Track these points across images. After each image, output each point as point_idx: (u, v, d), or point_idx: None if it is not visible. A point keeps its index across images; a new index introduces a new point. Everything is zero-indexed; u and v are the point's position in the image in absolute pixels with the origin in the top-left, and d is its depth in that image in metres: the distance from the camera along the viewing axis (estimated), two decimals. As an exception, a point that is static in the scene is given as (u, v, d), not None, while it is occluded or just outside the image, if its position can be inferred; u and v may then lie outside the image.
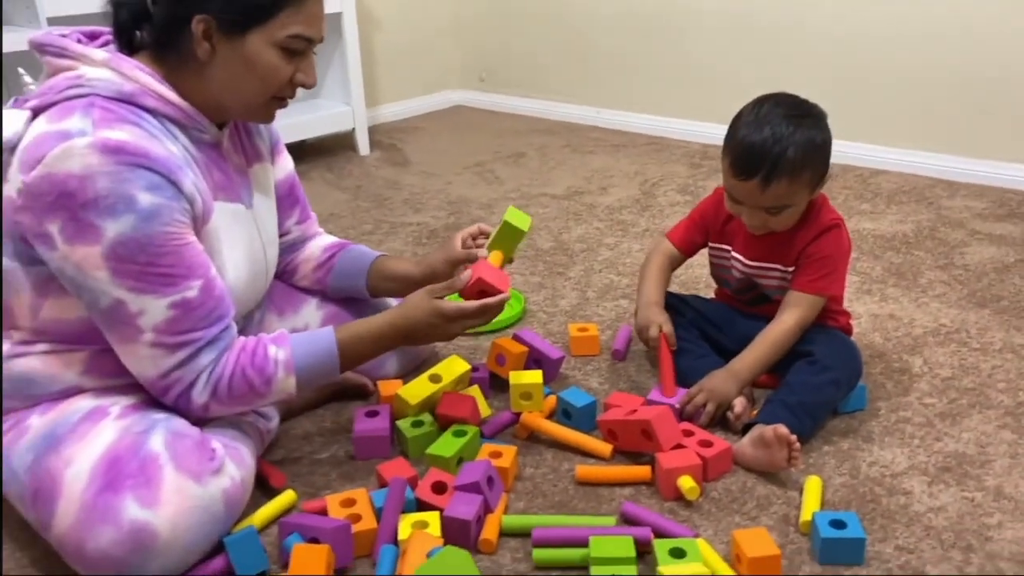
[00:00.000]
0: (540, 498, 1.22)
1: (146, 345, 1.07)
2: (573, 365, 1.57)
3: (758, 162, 1.27)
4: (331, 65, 2.97)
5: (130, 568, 1.00)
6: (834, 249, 1.37)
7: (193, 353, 1.10)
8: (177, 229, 1.06)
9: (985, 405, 1.40)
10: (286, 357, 1.15)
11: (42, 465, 1.06)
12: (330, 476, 1.27)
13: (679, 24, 2.97)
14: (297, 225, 1.46)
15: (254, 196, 1.28)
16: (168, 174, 1.05)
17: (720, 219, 1.48)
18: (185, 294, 1.07)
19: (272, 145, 1.38)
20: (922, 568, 1.06)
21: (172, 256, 1.06)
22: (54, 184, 1.01)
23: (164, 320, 1.06)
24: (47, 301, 1.11)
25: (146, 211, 1.03)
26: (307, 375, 1.17)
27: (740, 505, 1.19)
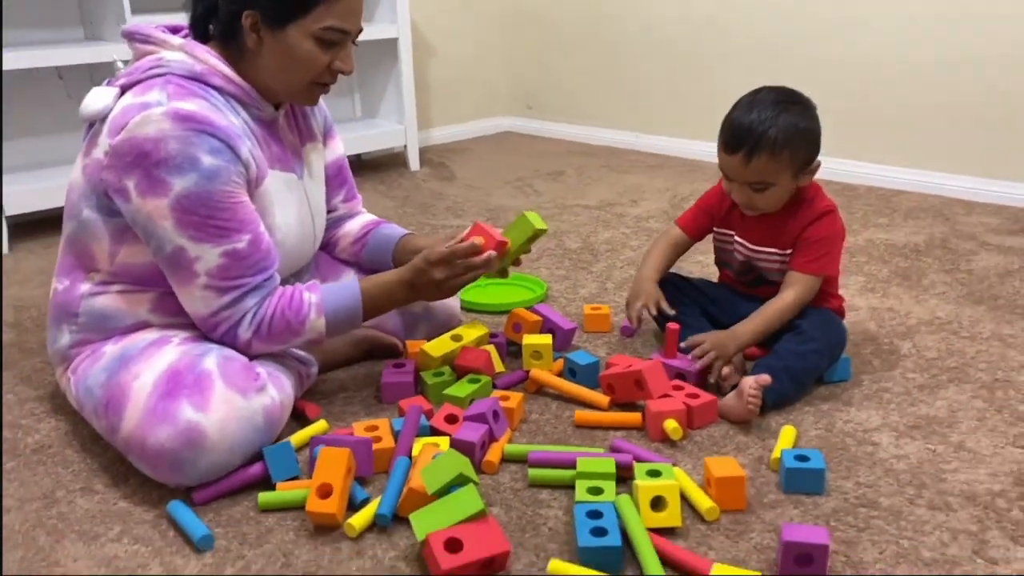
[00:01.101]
0: (541, 436, 1.37)
1: (200, 287, 1.27)
2: (584, 339, 1.72)
3: (743, 138, 1.43)
4: (387, 87, 3.22)
5: (183, 462, 1.18)
6: (828, 232, 1.50)
7: (239, 296, 1.29)
8: (233, 189, 1.26)
9: (963, 380, 1.51)
10: (318, 300, 1.34)
11: (115, 379, 1.26)
12: (359, 415, 1.44)
13: (714, 54, 3.14)
14: (343, 203, 1.65)
15: (305, 170, 1.48)
16: (228, 140, 1.25)
17: (725, 206, 1.62)
18: (236, 245, 1.26)
19: (326, 129, 1.58)
20: (876, 499, 1.18)
21: (227, 212, 1.25)
22: (133, 146, 1.22)
23: (216, 266, 1.26)
24: (123, 248, 1.31)
25: (208, 171, 1.22)
26: (335, 318, 1.35)
27: (720, 448, 1.32)
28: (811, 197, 1.53)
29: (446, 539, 1.02)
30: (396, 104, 3.19)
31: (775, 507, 1.17)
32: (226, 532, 1.15)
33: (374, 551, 1.10)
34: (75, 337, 1.35)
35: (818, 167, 1.50)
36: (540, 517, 1.16)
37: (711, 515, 1.14)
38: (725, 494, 1.16)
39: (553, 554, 1.08)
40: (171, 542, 1.13)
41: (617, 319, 1.80)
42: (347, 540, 1.12)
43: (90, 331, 1.35)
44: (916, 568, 1.05)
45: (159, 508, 1.20)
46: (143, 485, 1.25)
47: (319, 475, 1.14)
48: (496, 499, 1.20)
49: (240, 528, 1.16)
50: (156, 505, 1.21)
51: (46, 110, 2.60)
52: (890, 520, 1.13)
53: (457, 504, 1.07)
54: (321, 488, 1.13)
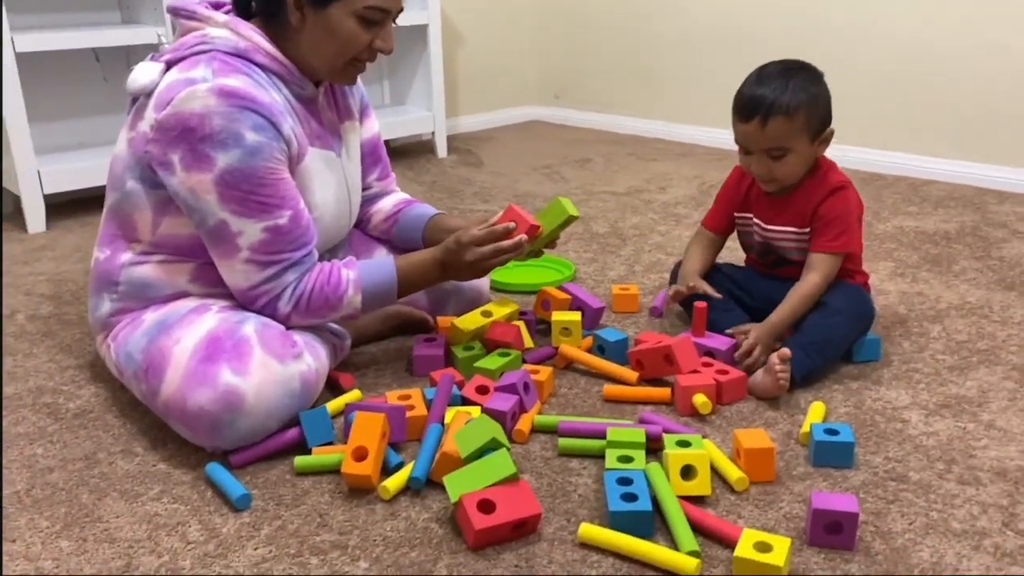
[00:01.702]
0: (570, 409, 1.38)
1: (241, 261, 1.29)
2: (612, 319, 1.73)
3: (757, 104, 1.44)
4: (416, 74, 3.24)
5: (222, 424, 1.21)
6: (843, 208, 1.50)
7: (280, 271, 1.31)
8: (275, 165, 1.28)
9: (994, 362, 1.50)
10: (356, 277, 1.37)
11: (155, 344, 1.28)
12: (391, 386, 1.46)
13: (742, 44, 3.13)
14: (378, 181, 1.67)
15: (343, 147, 1.50)
16: (271, 117, 1.27)
17: (742, 190, 1.63)
18: (277, 221, 1.29)
19: (362, 108, 1.60)
20: (905, 473, 1.18)
21: (270, 188, 1.27)
22: (179, 120, 1.24)
23: (258, 241, 1.28)
24: (165, 219, 1.34)
25: (251, 147, 1.25)
26: (371, 294, 1.38)
27: (748, 423, 1.33)
28: (823, 172, 1.54)
29: (479, 500, 1.04)
30: (425, 91, 3.21)
31: (804, 479, 1.18)
32: (263, 494, 1.17)
33: (408, 513, 1.12)
34: (115, 305, 1.38)
35: (831, 135, 1.50)
36: (570, 484, 1.18)
37: (740, 485, 1.15)
38: (754, 465, 1.17)
39: (584, 519, 1.10)
40: (209, 501, 1.16)
41: (646, 300, 1.81)
42: (381, 502, 1.14)
43: (130, 299, 1.38)
44: (945, 539, 1.05)
45: (198, 470, 1.23)
46: (182, 448, 1.28)
47: (355, 438, 1.17)
48: (527, 467, 1.22)
49: (276, 490, 1.18)
50: (195, 468, 1.24)
51: (83, 92, 2.65)
52: (919, 493, 1.14)
53: (490, 467, 1.09)
54: (357, 451, 1.16)
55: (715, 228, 1.68)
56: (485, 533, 1.03)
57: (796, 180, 1.52)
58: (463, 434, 1.15)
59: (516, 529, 1.05)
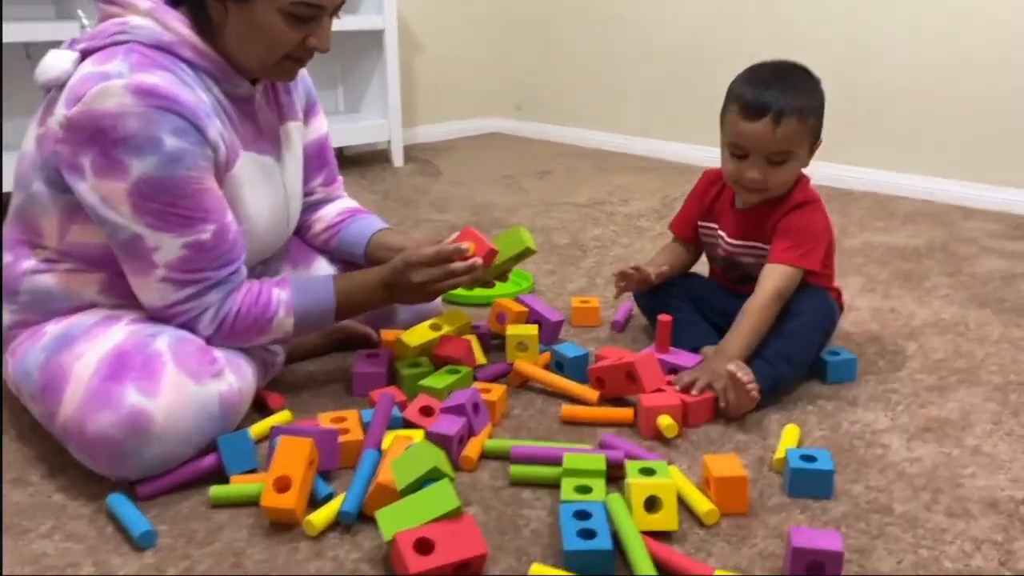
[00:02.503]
0: (524, 432, 1.26)
1: (157, 279, 1.16)
2: (572, 333, 1.62)
3: (770, 101, 1.32)
4: (371, 81, 3.11)
5: (127, 452, 1.06)
6: (807, 223, 1.39)
7: (201, 291, 1.18)
8: (198, 174, 1.14)
9: (974, 383, 1.41)
10: (288, 298, 1.24)
11: (54, 360, 1.13)
12: (327, 407, 1.33)
13: (707, 58, 3.06)
14: (322, 187, 1.53)
15: (284, 151, 1.36)
16: (194, 119, 1.13)
17: (707, 200, 1.52)
18: (199, 236, 1.15)
19: (308, 105, 1.46)
20: (890, 504, 1.08)
21: (191, 199, 1.13)
22: (91, 120, 1.10)
23: (177, 258, 1.14)
24: (74, 226, 1.19)
25: (170, 154, 1.10)
26: (304, 318, 1.26)
27: (717, 447, 1.22)
28: (795, 187, 1.42)
29: (416, 539, 0.91)
30: (380, 98, 3.09)
31: (779, 511, 1.07)
32: (171, 529, 1.03)
33: (336, 552, 0.99)
34: (15, 317, 1.23)
35: (819, 145, 1.41)
36: (522, 518, 1.05)
37: (710, 518, 1.03)
38: (725, 496, 1.05)
39: (535, 558, 0.97)
40: (108, 539, 1.02)
41: (607, 314, 1.70)
42: (306, 539, 1.01)
43: (31, 311, 1.23)
44: (938, 579, 0.94)
45: (98, 502, 1.08)
46: (83, 477, 1.13)
47: (277, 467, 1.03)
48: (474, 498, 1.09)
49: (187, 525, 1.04)
50: (95, 499, 1.09)
51: (11, 90, 2.48)
52: (906, 527, 1.03)
53: (430, 501, 0.96)
54: (279, 481, 1.02)
55: (682, 235, 1.57)
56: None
57: (784, 191, 1.40)
58: (400, 463, 1.02)
59: (458, 571, 0.93)
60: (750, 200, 1.43)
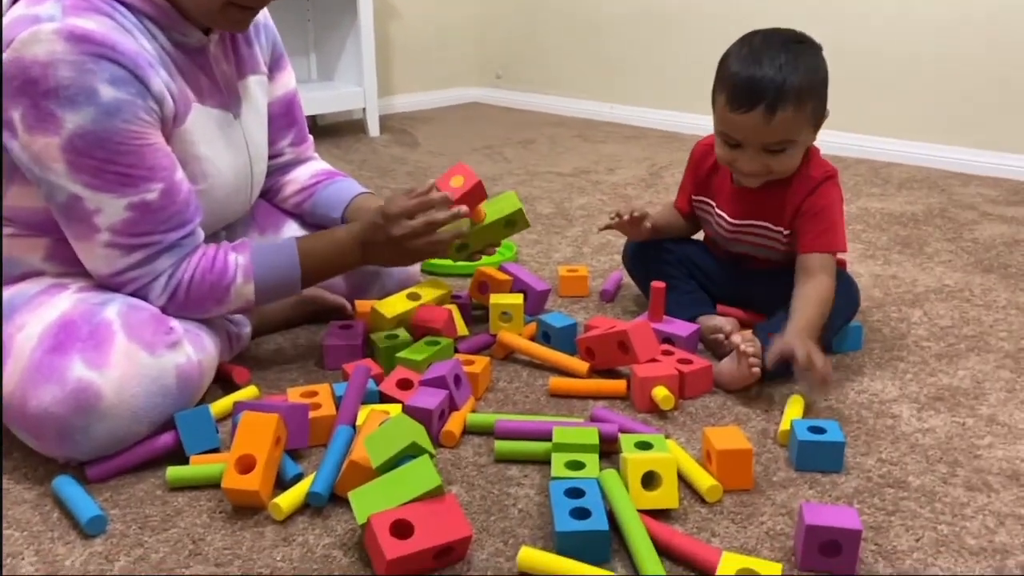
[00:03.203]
0: (510, 406, 1.17)
1: (101, 244, 1.05)
2: (559, 304, 1.53)
3: (761, 90, 1.16)
4: (345, 47, 2.99)
5: (73, 430, 0.97)
6: (829, 200, 1.28)
7: (150, 256, 1.08)
8: (140, 128, 1.03)
9: (984, 350, 1.34)
10: (245, 263, 1.14)
11: (-6, 332, 1.03)
12: (297, 382, 1.24)
13: (694, 22, 2.96)
14: (291, 147, 1.43)
15: (243, 106, 1.26)
16: (134, 69, 1.02)
17: (704, 169, 1.40)
18: (144, 196, 1.04)
19: (275, 59, 1.35)
20: (904, 478, 1.00)
21: (132, 156, 1.03)
22: (20, 69, 0.98)
23: (121, 221, 1.04)
24: (13, 188, 1.08)
25: (107, 105, 1.00)
26: (266, 283, 1.15)
27: (717, 420, 1.14)
28: (807, 160, 1.29)
29: (393, 522, 0.83)
30: (355, 66, 2.97)
31: (786, 487, 0.99)
32: (124, 514, 0.94)
33: (305, 537, 0.90)
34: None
35: (825, 119, 1.27)
36: (508, 497, 0.97)
37: (712, 495, 0.95)
38: (728, 471, 0.97)
39: (524, 541, 0.89)
40: (53, 526, 0.92)
41: (595, 284, 1.61)
42: (273, 524, 0.92)
43: None
44: (961, 558, 0.87)
45: (44, 486, 0.99)
46: (28, 459, 1.03)
47: (240, 445, 0.94)
48: (456, 476, 1.00)
49: (142, 509, 0.95)
50: (41, 482, 0.99)
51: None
52: (923, 502, 0.96)
53: (408, 480, 0.87)
54: (241, 460, 0.93)
55: (683, 209, 1.47)
56: (399, 563, 0.81)
57: (791, 173, 1.27)
58: (375, 438, 0.92)
59: (439, 557, 0.84)
60: (753, 184, 1.29)
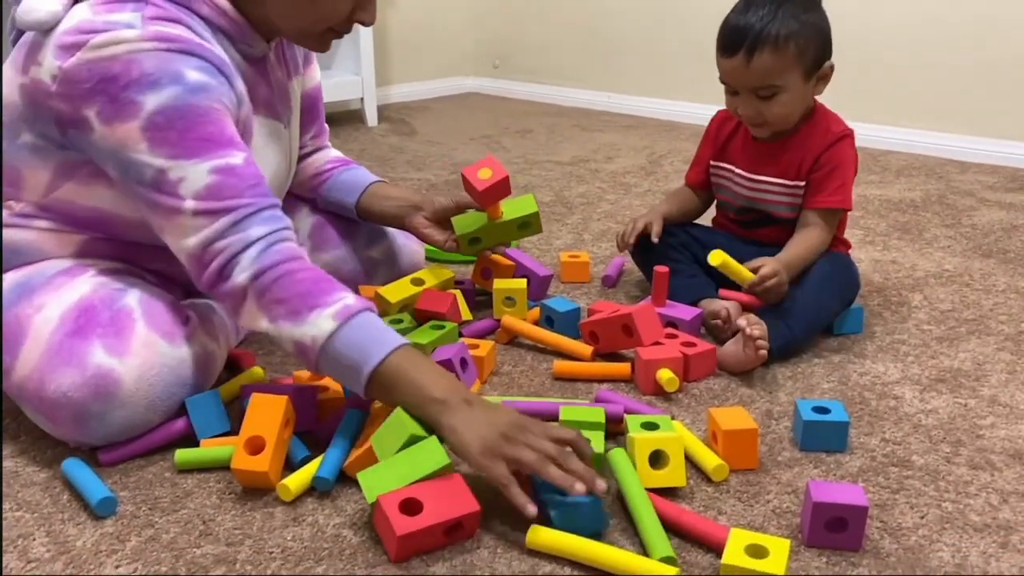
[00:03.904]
0: (515, 389, 1.18)
1: (189, 215, 0.97)
2: (561, 289, 1.53)
3: (742, 35, 1.26)
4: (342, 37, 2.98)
5: (90, 416, 0.97)
6: (844, 158, 1.34)
7: (239, 220, 0.98)
8: (222, 108, 1.00)
9: (984, 332, 1.35)
10: (353, 304, 0.96)
11: (11, 313, 1.03)
12: (302, 368, 1.24)
13: (689, 11, 2.96)
14: (313, 139, 1.43)
15: (290, 113, 1.25)
16: (221, 66, 1.02)
17: (721, 137, 1.45)
18: (229, 160, 0.99)
19: (305, 54, 1.34)
20: (908, 457, 1.01)
21: (215, 125, 0.99)
22: (94, 72, 0.96)
23: (204, 186, 0.97)
24: (68, 184, 1.06)
25: (194, 84, 0.97)
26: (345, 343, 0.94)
27: (721, 401, 1.14)
28: (823, 115, 1.37)
29: (402, 500, 0.83)
30: (353, 54, 2.96)
31: (791, 466, 1.00)
32: (134, 496, 0.94)
33: (314, 517, 0.91)
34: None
35: (830, 72, 1.33)
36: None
37: (719, 474, 0.96)
38: (734, 450, 0.98)
39: (533, 520, 0.89)
40: (63, 507, 0.93)
41: (597, 270, 1.62)
42: (282, 505, 0.92)
43: None
44: (966, 534, 0.88)
45: (53, 468, 0.99)
46: (38, 441, 1.04)
47: (249, 427, 0.94)
48: (463, 458, 1.01)
49: (152, 491, 0.95)
50: (50, 465, 1.00)
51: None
52: (927, 481, 0.97)
53: (416, 459, 0.88)
54: (251, 442, 0.93)
55: (695, 182, 1.50)
56: (410, 540, 0.82)
57: (790, 124, 1.34)
58: (380, 436, 0.92)
59: (449, 533, 0.85)
60: (758, 134, 1.36)
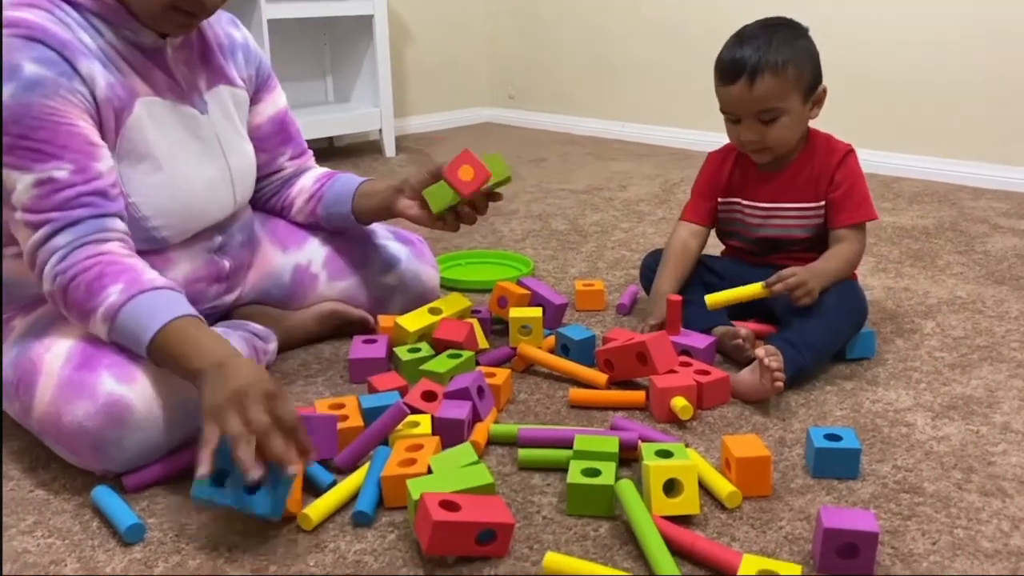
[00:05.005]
0: (531, 417, 1.20)
1: (20, 224, 1.04)
2: (576, 318, 1.56)
3: (742, 63, 1.32)
4: (361, 69, 3.05)
5: (106, 443, 1.00)
6: (856, 173, 1.42)
7: (51, 233, 1.03)
8: (59, 105, 1.04)
9: (997, 360, 1.36)
10: (115, 302, 1.02)
11: (25, 354, 1.07)
12: (323, 395, 1.27)
13: (703, 41, 3.00)
14: (291, 160, 1.45)
15: (210, 106, 1.25)
16: (61, 50, 1.05)
17: (724, 175, 1.48)
18: (52, 173, 1.03)
19: (263, 81, 1.38)
20: (919, 484, 1.02)
21: (46, 131, 1.03)
22: None
23: (29, 197, 1.03)
24: None
25: (28, 80, 1.02)
26: (121, 335, 1.03)
27: (735, 429, 1.16)
28: (824, 139, 1.44)
29: (442, 500, 0.86)
30: (371, 87, 3.02)
31: (804, 492, 1.01)
32: (160, 523, 0.97)
33: (336, 544, 0.93)
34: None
35: (824, 95, 1.40)
36: (532, 504, 0.99)
37: (732, 501, 0.98)
38: (747, 477, 1.00)
39: (549, 546, 0.91)
40: (93, 534, 0.95)
41: (612, 297, 1.64)
42: (304, 531, 0.95)
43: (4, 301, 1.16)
44: (977, 561, 0.89)
45: (83, 496, 1.02)
46: (66, 471, 1.07)
47: (272, 455, 0.97)
48: (481, 485, 1.03)
49: (178, 518, 0.98)
50: (80, 493, 1.03)
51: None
52: (939, 507, 0.98)
53: (462, 476, 0.93)
54: (274, 470, 0.96)
55: (697, 219, 1.51)
56: (443, 529, 0.84)
57: (790, 147, 1.40)
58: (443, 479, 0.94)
59: (481, 543, 0.87)
60: (760, 160, 1.41)
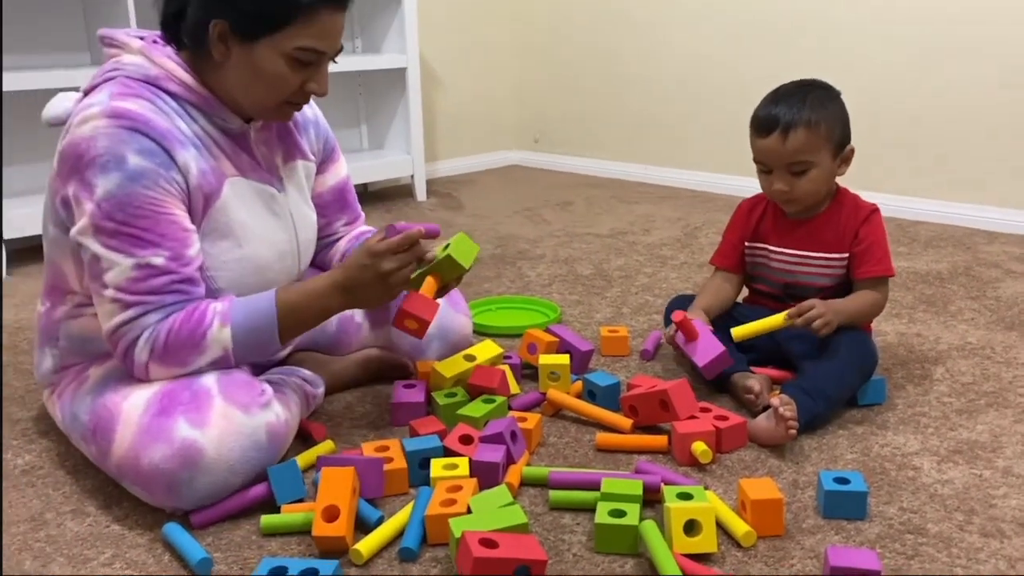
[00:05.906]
0: (560, 460, 1.29)
1: (108, 300, 1.16)
2: (602, 363, 1.65)
3: (777, 117, 1.44)
4: (395, 118, 3.18)
5: (180, 483, 1.10)
6: (880, 231, 1.51)
7: (143, 312, 1.16)
8: (159, 195, 1.15)
9: (1003, 405, 1.43)
10: (223, 309, 1.19)
11: (102, 402, 1.18)
12: (368, 436, 1.37)
13: (722, 85, 3.11)
14: (345, 226, 1.56)
15: (286, 184, 1.37)
16: (162, 141, 1.16)
17: (752, 222, 1.58)
18: (151, 259, 1.14)
19: (327, 152, 1.48)
20: (923, 525, 1.10)
21: (147, 220, 1.14)
22: (72, 148, 1.15)
23: (125, 279, 1.14)
24: None
25: (132, 171, 1.13)
26: (244, 330, 1.19)
27: (751, 472, 1.24)
28: (852, 196, 1.55)
29: (482, 537, 0.96)
30: (403, 135, 3.16)
31: (814, 532, 1.09)
32: (226, 557, 1.07)
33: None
34: (58, 361, 1.29)
35: (852, 155, 1.50)
36: (563, 543, 1.08)
37: (747, 540, 1.06)
38: (762, 518, 1.08)
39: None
40: (166, 567, 1.05)
41: (636, 343, 1.73)
42: (355, 566, 1.04)
43: (72, 355, 1.28)
44: (974, 598, 0.96)
45: (154, 532, 1.12)
46: (137, 508, 1.17)
47: (324, 497, 1.06)
48: (515, 523, 1.12)
49: (241, 552, 1.08)
50: (151, 528, 1.13)
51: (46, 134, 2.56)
52: (940, 547, 1.05)
53: (500, 515, 1.02)
54: (327, 511, 1.05)
55: (728, 265, 1.61)
56: (483, 564, 0.93)
57: (817, 200, 1.51)
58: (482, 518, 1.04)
59: (518, 575, 0.96)
60: (789, 209, 1.52)
